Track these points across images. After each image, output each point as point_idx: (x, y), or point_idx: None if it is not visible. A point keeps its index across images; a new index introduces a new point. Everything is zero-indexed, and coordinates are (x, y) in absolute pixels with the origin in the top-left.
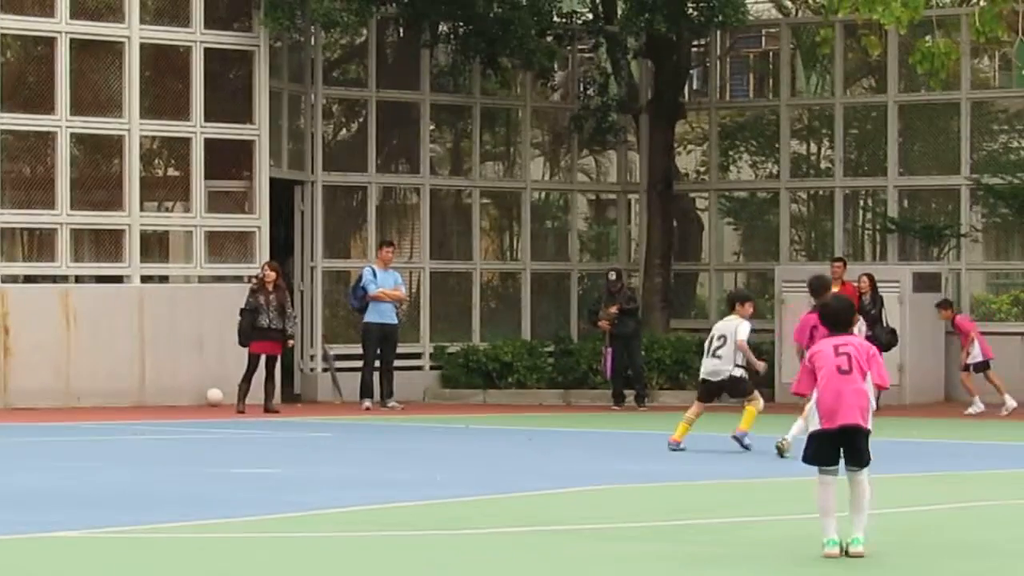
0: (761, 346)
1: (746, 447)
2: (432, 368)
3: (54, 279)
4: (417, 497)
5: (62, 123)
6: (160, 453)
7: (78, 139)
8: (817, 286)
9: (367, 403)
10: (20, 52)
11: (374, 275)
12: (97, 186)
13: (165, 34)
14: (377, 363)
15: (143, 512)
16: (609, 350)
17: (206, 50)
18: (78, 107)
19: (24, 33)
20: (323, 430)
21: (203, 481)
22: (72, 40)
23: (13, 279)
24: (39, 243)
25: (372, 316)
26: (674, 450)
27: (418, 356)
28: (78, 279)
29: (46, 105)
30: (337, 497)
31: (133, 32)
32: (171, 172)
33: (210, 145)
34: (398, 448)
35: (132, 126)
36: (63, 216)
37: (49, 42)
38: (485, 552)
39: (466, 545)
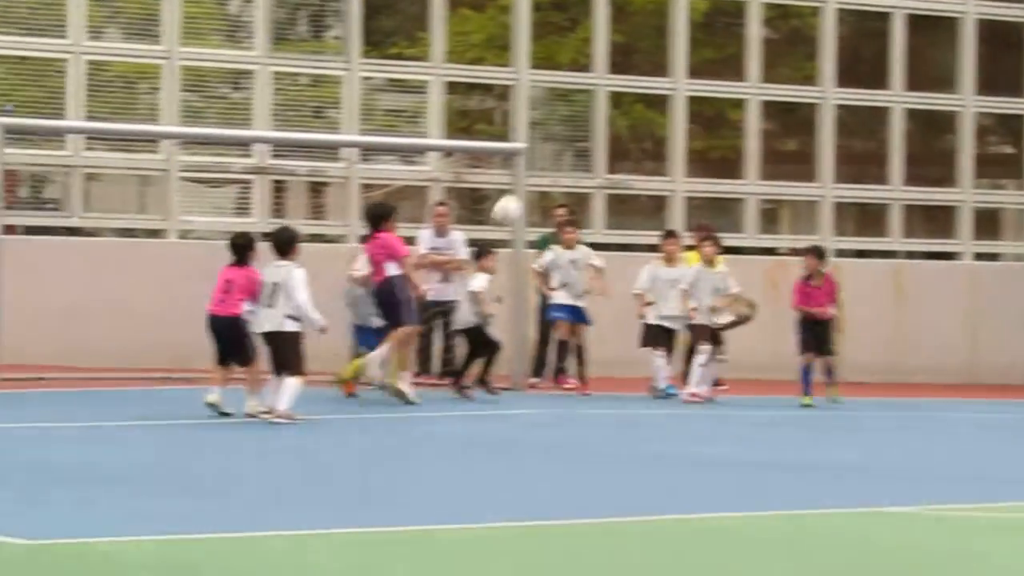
0: None
1: None
2: None
3: (886, 254)
4: None
5: (896, 98)
6: (994, 432)
7: (911, 114)
8: None
9: None
10: (855, 27)
11: None
12: (930, 162)
13: (1001, 10)
14: None
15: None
16: None
17: None
18: (912, 83)
19: (861, 9)
20: None
21: None
22: (907, 16)
23: (846, 253)
24: (871, 218)
25: None
26: None
27: None
28: (910, 255)
29: (880, 80)
30: None
31: (969, 7)
32: (1004, 149)
33: None
34: None
35: (967, 102)
36: (896, 192)
37: (884, 17)
38: None
39: None
